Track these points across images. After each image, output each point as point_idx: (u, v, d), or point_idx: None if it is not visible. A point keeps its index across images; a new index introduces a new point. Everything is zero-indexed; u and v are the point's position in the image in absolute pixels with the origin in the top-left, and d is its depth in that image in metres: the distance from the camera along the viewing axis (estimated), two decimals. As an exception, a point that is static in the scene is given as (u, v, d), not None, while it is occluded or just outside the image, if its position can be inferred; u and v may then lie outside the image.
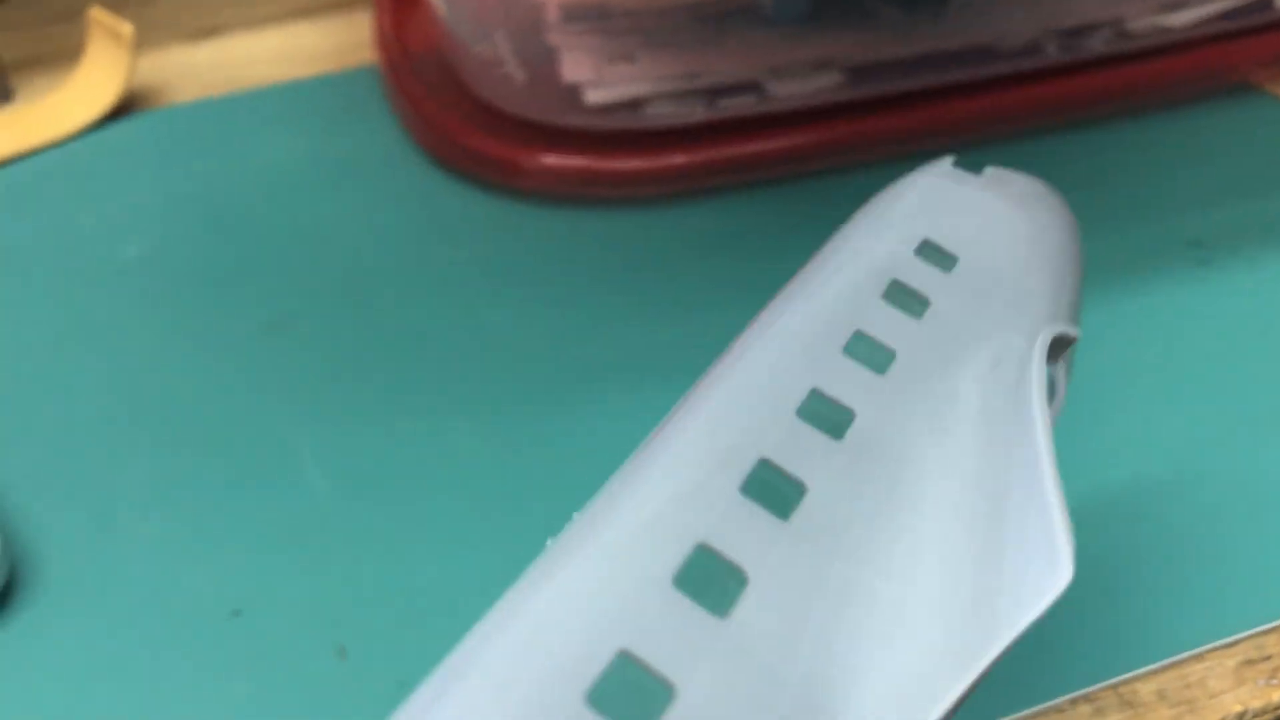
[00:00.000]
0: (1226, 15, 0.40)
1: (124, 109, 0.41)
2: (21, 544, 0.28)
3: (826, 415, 0.17)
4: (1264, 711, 0.24)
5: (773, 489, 0.16)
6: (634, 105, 0.38)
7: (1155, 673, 0.25)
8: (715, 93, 0.38)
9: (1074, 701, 0.24)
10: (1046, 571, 0.14)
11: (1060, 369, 0.20)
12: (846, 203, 0.21)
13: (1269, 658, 0.25)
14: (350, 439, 0.30)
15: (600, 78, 0.37)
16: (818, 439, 0.16)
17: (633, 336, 0.33)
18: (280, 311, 0.34)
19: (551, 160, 0.37)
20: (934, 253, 0.19)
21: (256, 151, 0.40)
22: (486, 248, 0.36)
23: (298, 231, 0.37)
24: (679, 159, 0.37)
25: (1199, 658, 0.25)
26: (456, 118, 0.38)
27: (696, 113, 0.38)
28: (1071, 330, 0.19)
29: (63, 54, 0.44)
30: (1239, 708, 0.24)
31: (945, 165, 0.21)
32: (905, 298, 0.18)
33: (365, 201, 0.38)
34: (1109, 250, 0.35)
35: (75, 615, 0.27)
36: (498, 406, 0.31)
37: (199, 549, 0.28)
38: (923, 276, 0.19)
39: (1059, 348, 0.19)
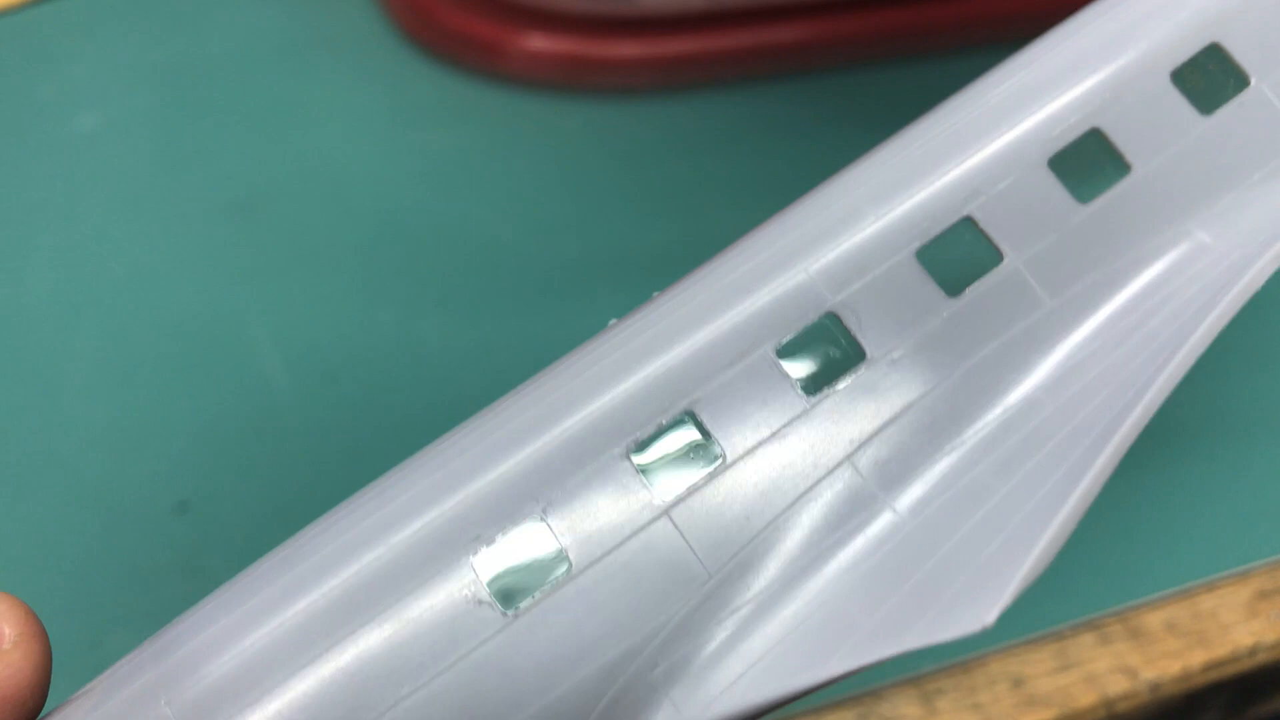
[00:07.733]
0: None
1: (82, -26, 0.39)
2: (-47, 427, 0.26)
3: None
4: (1278, 645, 0.23)
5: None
6: (629, -12, 0.35)
7: (1164, 602, 0.23)
8: (716, -21, 0.35)
9: (1076, 629, 0.23)
10: (971, 613, 0.13)
11: None
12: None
13: (1284, 589, 0.24)
14: (313, 328, 0.28)
15: (594, -47, 0.35)
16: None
17: (617, 234, 0.31)
18: (244, 193, 0.32)
19: (538, 43, 0.35)
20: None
21: (224, 26, 0.37)
22: (465, 135, 0.34)
23: (265, 111, 0.34)
24: (674, 48, 0.35)
25: (1210, 588, 0.24)
26: (437, -6, 0.35)
27: (695, 1, 0.35)
28: None
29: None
30: (1251, 640, 0.23)
31: None
32: None
33: (337, 82, 0.35)
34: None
35: (14, 502, 0.25)
36: (471, 301, 0.29)
37: (147, 437, 0.26)
38: None
39: None
